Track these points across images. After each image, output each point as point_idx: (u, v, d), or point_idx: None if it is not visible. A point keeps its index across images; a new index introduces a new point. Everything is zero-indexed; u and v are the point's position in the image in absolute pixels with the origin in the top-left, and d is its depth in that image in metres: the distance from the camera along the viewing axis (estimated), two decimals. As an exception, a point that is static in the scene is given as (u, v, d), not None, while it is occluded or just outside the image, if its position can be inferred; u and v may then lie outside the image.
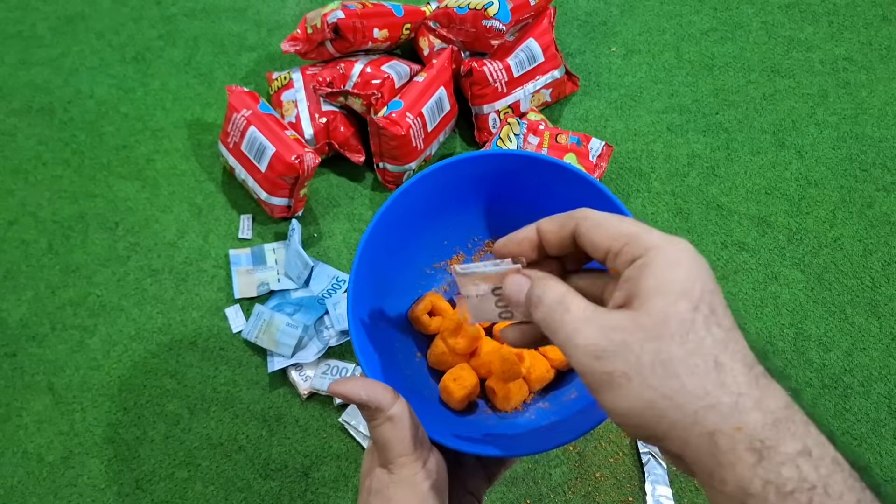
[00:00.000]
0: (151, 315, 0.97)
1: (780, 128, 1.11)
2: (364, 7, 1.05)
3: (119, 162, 1.11)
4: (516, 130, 0.98)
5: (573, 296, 0.31)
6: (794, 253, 0.99)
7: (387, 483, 0.36)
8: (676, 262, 0.30)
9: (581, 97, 1.15)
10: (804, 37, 1.21)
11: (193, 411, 0.90)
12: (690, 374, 0.27)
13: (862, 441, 0.85)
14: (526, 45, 1.06)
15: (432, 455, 0.38)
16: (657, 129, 1.11)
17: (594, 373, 0.29)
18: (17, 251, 1.03)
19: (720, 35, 1.22)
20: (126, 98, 1.18)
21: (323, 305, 0.95)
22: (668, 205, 1.04)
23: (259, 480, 0.86)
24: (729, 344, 0.28)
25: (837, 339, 0.92)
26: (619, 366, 0.28)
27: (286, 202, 1.00)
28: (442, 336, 0.53)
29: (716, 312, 0.28)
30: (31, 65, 1.23)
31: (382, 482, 0.36)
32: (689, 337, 0.28)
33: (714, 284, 0.30)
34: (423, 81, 1.02)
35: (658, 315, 0.28)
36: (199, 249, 1.02)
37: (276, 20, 1.27)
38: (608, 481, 0.83)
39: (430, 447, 0.38)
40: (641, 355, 0.28)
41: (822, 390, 0.89)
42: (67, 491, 0.85)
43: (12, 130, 1.15)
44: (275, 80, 1.10)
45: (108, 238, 1.04)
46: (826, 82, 1.16)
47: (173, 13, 1.29)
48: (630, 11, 1.26)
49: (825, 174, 1.06)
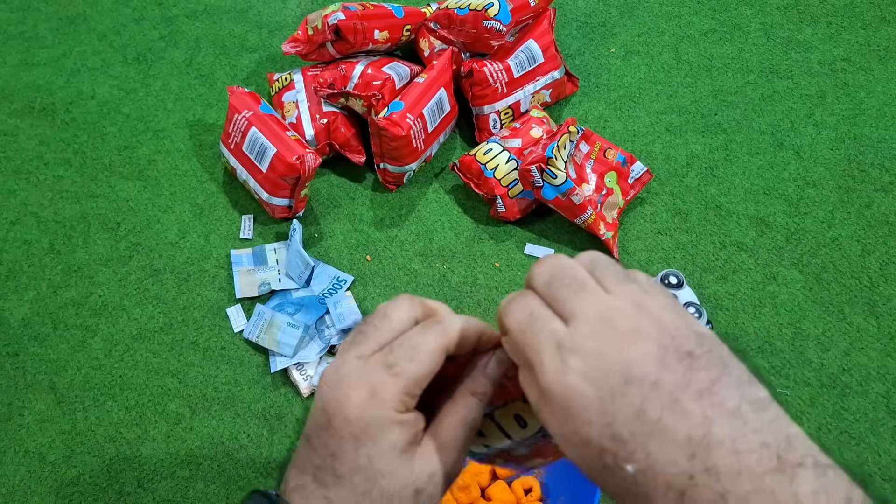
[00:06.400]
0: (153, 315, 0.97)
1: (779, 128, 1.11)
2: (365, 8, 1.06)
3: (121, 162, 1.12)
4: (573, 138, 0.98)
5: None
6: (792, 253, 1.00)
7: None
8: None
9: (581, 98, 1.16)
10: (803, 38, 1.22)
11: (195, 410, 0.90)
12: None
13: (860, 440, 0.86)
14: (526, 46, 1.07)
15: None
16: (656, 130, 1.12)
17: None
18: (19, 251, 1.03)
19: (719, 36, 1.23)
20: (128, 99, 1.19)
21: (324, 305, 0.96)
22: (667, 205, 1.04)
23: (260, 479, 0.86)
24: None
25: (836, 338, 0.93)
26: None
27: (287, 202, 1.01)
28: (451, 490, 0.69)
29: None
30: (33, 65, 1.23)
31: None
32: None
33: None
34: (423, 82, 1.03)
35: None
36: (200, 249, 1.02)
37: (277, 21, 1.27)
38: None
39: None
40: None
41: (821, 390, 0.89)
42: (69, 490, 0.86)
43: (14, 131, 1.15)
44: (276, 82, 1.11)
45: (109, 238, 1.04)
46: (824, 83, 1.16)
47: (175, 14, 1.29)
48: (629, 13, 1.26)
49: (823, 174, 1.06)
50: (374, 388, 0.31)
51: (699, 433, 0.26)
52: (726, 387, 0.27)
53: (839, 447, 0.85)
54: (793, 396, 0.89)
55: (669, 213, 1.04)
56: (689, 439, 0.26)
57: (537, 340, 0.29)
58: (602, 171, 1.00)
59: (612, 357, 0.27)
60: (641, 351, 0.27)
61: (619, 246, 1.01)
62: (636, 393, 0.27)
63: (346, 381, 0.31)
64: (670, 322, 0.28)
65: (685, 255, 1.00)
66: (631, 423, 0.27)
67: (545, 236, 1.03)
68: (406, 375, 0.31)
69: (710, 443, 0.26)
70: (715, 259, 1.00)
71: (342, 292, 0.97)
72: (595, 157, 1.01)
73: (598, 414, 0.27)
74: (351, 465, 0.31)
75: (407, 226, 1.04)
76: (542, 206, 1.02)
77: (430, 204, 1.06)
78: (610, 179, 1.00)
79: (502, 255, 1.01)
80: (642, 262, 1.00)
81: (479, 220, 1.05)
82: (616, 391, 0.27)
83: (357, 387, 0.31)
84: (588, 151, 1.01)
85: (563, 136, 0.96)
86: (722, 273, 0.98)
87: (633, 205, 1.05)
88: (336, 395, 0.31)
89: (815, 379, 0.90)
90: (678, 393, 0.27)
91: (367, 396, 0.31)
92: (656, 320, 0.28)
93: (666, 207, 1.04)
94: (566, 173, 0.93)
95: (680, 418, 0.26)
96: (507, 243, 1.02)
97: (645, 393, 0.27)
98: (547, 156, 0.92)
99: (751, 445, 0.25)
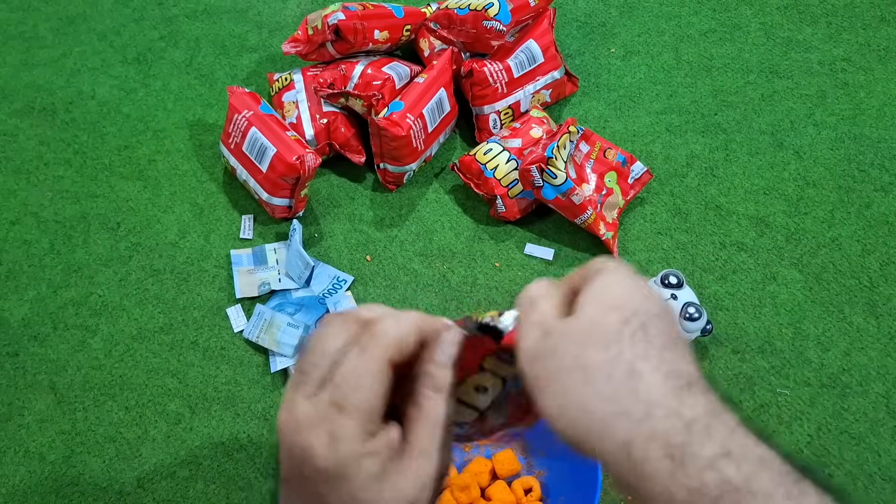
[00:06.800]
0: (153, 315, 0.97)
1: (779, 128, 1.11)
2: (365, 8, 1.06)
3: (121, 162, 1.12)
4: (573, 138, 0.98)
5: (546, 299, 0.32)
6: (792, 253, 1.00)
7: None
8: (616, 281, 0.31)
9: (580, 98, 1.16)
10: (803, 38, 1.22)
11: (195, 410, 0.91)
12: (605, 380, 0.28)
13: (860, 440, 0.86)
14: (526, 46, 1.07)
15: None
16: (656, 130, 1.12)
17: (527, 376, 0.30)
18: (19, 251, 1.03)
19: (719, 36, 1.23)
20: (128, 99, 1.19)
21: (324, 305, 0.96)
22: (667, 205, 1.04)
23: (260, 479, 0.86)
24: (652, 358, 0.28)
25: (836, 338, 0.93)
26: (544, 369, 0.29)
27: (287, 202, 1.01)
28: (451, 490, 0.75)
29: (647, 330, 0.29)
30: (33, 65, 1.23)
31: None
32: (612, 347, 0.28)
33: (658, 309, 0.30)
34: (423, 82, 1.03)
35: (586, 322, 0.29)
36: (200, 249, 1.03)
37: (277, 21, 1.27)
38: (607, 480, 0.83)
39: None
40: (564, 359, 0.28)
41: (821, 390, 0.89)
42: (69, 490, 0.86)
43: (14, 131, 1.15)
44: (276, 81, 1.11)
45: (109, 238, 1.04)
46: (824, 83, 1.16)
47: (175, 14, 1.29)
48: (629, 13, 1.26)
49: (823, 174, 1.06)
50: (331, 432, 0.30)
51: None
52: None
53: (839, 447, 0.85)
54: (793, 396, 0.89)
55: (669, 213, 1.04)
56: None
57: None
58: (602, 171, 1.00)
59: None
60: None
61: (619, 246, 1.01)
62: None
63: (304, 427, 0.30)
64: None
65: (685, 255, 1.00)
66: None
67: (545, 236, 1.03)
68: (359, 410, 0.30)
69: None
70: (715, 259, 1.00)
71: (342, 292, 0.97)
72: (595, 157, 1.01)
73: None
74: (337, 502, 0.31)
75: (407, 226, 1.04)
76: (542, 206, 1.02)
77: (430, 204, 1.06)
78: (610, 179, 1.00)
79: (502, 255, 1.01)
80: (642, 262, 1.00)
81: (479, 220, 1.05)
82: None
83: (316, 434, 0.30)
84: (588, 151, 1.01)
85: (563, 136, 0.96)
86: (722, 273, 0.98)
87: (633, 205, 1.05)
88: (299, 443, 0.30)
89: (815, 379, 0.90)
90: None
91: (328, 442, 0.30)
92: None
93: (666, 207, 1.04)
94: (566, 173, 0.93)
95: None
96: (507, 243, 1.02)
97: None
98: (547, 156, 0.92)
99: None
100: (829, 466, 0.84)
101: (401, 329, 0.32)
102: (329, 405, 0.30)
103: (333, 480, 0.30)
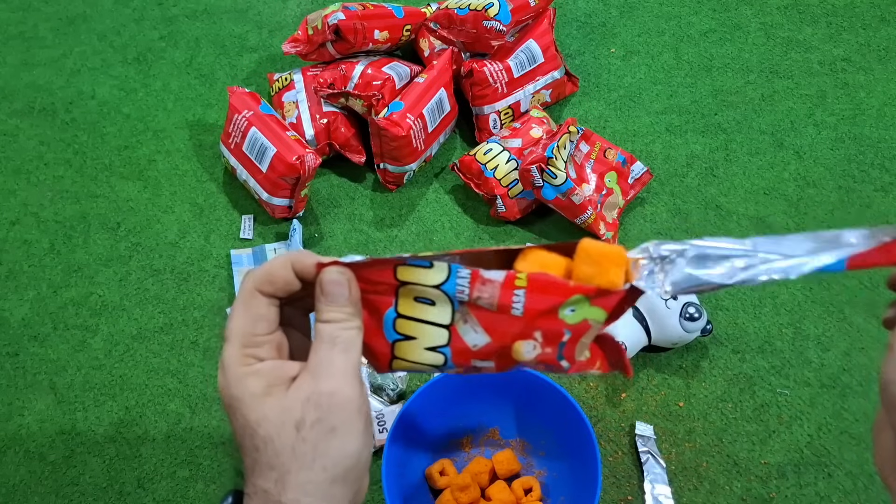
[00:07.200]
0: (153, 315, 0.97)
1: (779, 128, 1.11)
2: (365, 8, 1.06)
3: (121, 162, 1.12)
4: (573, 138, 0.98)
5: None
6: (792, 253, 0.99)
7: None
8: None
9: (580, 98, 1.16)
10: (803, 38, 1.22)
11: (195, 410, 0.91)
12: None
13: (860, 441, 0.86)
14: (526, 46, 1.07)
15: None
16: (656, 130, 1.12)
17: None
18: (19, 251, 1.03)
19: (719, 36, 1.23)
20: (128, 99, 1.19)
21: (324, 305, 0.95)
22: (666, 205, 1.04)
23: (260, 479, 0.86)
24: None
25: (836, 338, 0.93)
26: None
27: (287, 202, 1.01)
28: (451, 490, 0.77)
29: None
30: (33, 65, 1.23)
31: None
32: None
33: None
34: (423, 82, 1.03)
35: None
36: (200, 249, 1.03)
37: (277, 21, 1.28)
38: (607, 480, 0.84)
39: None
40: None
41: (821, 390, 0.89)
42: (69, 490, 0.86)
43: (14, 131, 1.16)
44: (276, 81, 1.11)
45: (109, 238, 1.04)
46: (824, 83, 1.16)
47: (175, 14, 1.29)
48: (629, 13, 1.26)
49: (823, 175, 1.06)
50: (222, 361, 0.35)
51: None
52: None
53: (839, 447, 0.85)
54: (793, 396, 0.89)
55: (669, 213, 1.04)
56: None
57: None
58: (602, 171, 1.00)
59: None
60: None
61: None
62: None
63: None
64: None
65: (685, 255, 1.00)
66: None
67: (545, 236, 1.03)
68: (234, 335, 0.34)
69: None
70: (715, 259, 0.99)
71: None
72: (595, 157, 1.01)
73: None
74: (240, 431, 0.33)
75: (407, 226, 1.04)
76: (542, 206, 1.02)
77: (430, 204, 1.06)
78: (610, 179, 1.00)
79: (502, 255, 1.01)
80: (642, 262, 1.00)
81: (479, 220, 1.05)
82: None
83: (218, 370, 0.35)
84: (588, 151, 1.01)
85: (563, 136, 0.96)
86: (722, 273, 0.98)
87: (633, 205, 1.05)
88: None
89: (815, 379, 0.90)
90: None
91: (220, 371, 0.34)
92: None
93: (666, 207, 1.04)
94: (566, 173, 0.93)
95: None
96: (507, 243, 1.02)
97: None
98: (547, 156, 0.92)
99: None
100: (829, 466, 0.84)
101: (270, 264, 0.35)
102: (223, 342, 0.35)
103: (230, 405, 0.34)
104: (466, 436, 0.85)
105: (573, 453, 0.77)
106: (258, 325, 0.34)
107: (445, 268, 0.34)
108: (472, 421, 0.85)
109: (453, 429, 0.84)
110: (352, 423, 0.33)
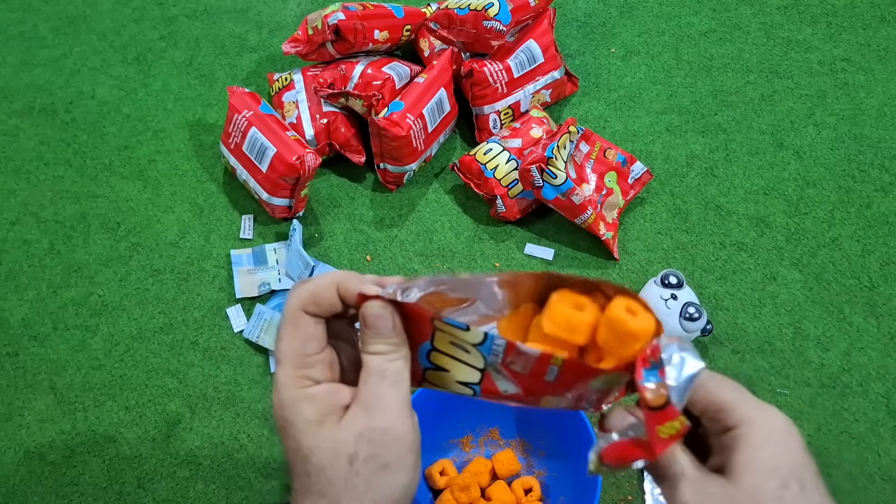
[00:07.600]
0: (153, 315, 0.97)
1: (779, 128, 1.11)
2: (365, 8, 1.06)
3: (121, 162, 1.12)
4: (573, 138, 0.98)
5: (682, 453, 0.33)
6: (792, 253, 1.00)
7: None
8: (767, 439, 0.31)
9: (580, 98, 1.16)
10: (803, 38, 1.22)
11: (195, 410, 0.91)
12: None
13: (860, 440, 0.86)
14: (526, 46, 1.07)
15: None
16: (656, 130, 1.12)
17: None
18: (18, 251, 1.03)
19: (719, 36, 1.23)
20: (128, 99, 1.19)
21: (324, 305, 0.95)
22: (666, 205, 1.04)
23: (260, 479, 0.86)
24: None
25: (836, 338, 0.93)
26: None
27: (287, 202, 1.01)
28: (451, 490, 0.77)
29: (805, 487, 0.30)
30: (33, 65, 1.23)
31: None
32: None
33: (804, 457, 0.31)
34: (423, 82, 1.03)
35: (748, 491, 0.30)
36: (200, 249, 1.03)
37: (277, 21, 1.28)
38: (607, 480, 0.84)
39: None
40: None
41: (821, 390, 0.89)
42: (69, 490, 0.86)
43: (14, 131, 1.16)
44: (276, 82, 1.11)
45: (109, 238, 1.04)
46: (824, 83, 1.16)
47: (175, 14, 1.29)
48: (629, 13, 1.26)
49: (823, 174, 1.06)
50: (276, 382, 0.35)
51: None
52: None
53: (839, 447, 0.85)
54: (793, 396, 0.89)
55: (669, 213, 1.04)
56: None
57: None
58: (602, 171, 1.00)
59: None
60: None
61: (619, 246, 1.01)
62: None
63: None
64: None
65: (685, 255, 1.00)
66: None
67: (545, 236, 1.03)
68: (287, 357, 0.34)
69: None
70: (715, 259, 1.00)
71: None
72: (595, 157, 1.01)
73: None
74: (291, 455, 0.34)
75: (407, 226, 1.04)
76: (542, 206, 1.02)
77: (430, 204, 1.06)
78: (610, 179, 1.00)
79: (502, 256, 1.01)
80: (642, 262, 1.00)
81: (479, 220, 1.05)
82: None
83: (274, 392, 0.35)
84: (588, 151, 1.01)
85: (563, 136, 0.96)
86: (722, 273, 0.98)
87: (633, 205, 1.05)
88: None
89: (815, 379, 0.90)
90: None
91: (275, 392, 0.34)
92: None
93: (666, 207, 1.04)
94: (566, 173, 0.93)
95: None
96: (507, 243, 1.02)
97: None
98: (547, 156, 0.92)
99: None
100: (829, 466, 0.84)
101: (316, 285, 0.35)
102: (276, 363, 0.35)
103: (283, 427, 0.34)
104: (466, 436, 0.85)
105: (573, 453, 0.77)
106: (308, 345, 0.35)
107: (481, 334, 0.34)
108: (472, 421, 0.85)
109: (453, 429, 0.84)
110: (404, 459, 0.33)
